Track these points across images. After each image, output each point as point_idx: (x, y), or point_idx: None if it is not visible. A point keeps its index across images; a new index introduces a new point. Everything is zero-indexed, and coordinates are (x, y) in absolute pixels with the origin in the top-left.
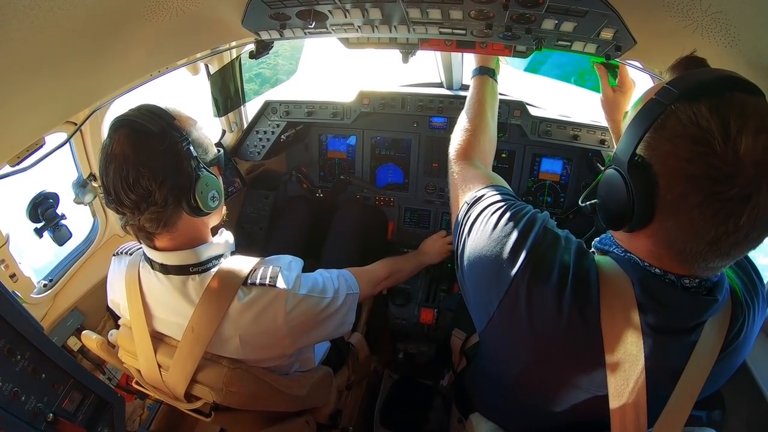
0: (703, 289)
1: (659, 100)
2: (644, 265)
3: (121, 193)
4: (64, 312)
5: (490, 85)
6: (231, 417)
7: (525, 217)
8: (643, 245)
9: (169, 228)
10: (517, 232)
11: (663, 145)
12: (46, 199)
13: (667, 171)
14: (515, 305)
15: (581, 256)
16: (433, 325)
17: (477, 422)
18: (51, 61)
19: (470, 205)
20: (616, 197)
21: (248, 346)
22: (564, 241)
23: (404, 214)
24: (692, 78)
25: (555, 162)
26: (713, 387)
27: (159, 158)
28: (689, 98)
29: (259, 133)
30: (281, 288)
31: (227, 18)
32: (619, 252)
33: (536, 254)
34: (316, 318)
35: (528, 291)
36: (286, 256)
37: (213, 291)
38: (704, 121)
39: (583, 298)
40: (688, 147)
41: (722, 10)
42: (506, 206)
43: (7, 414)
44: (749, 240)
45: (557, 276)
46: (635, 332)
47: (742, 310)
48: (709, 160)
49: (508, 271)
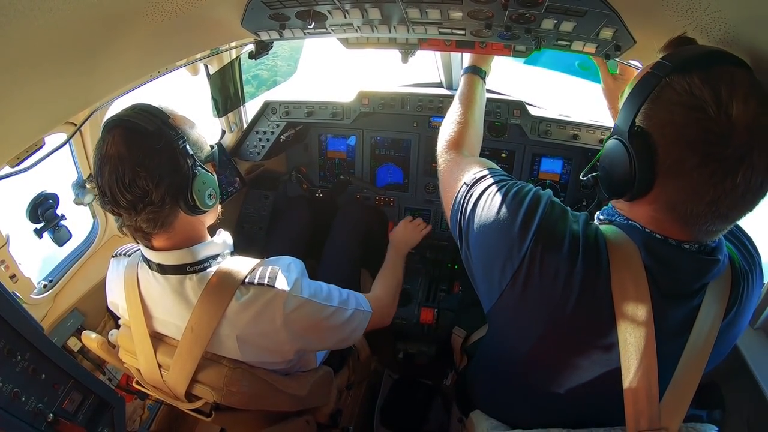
0: (703, 253)
1: (655, 73)
2: (647, 231)
3: (117, 194)
4: (64, 312)
5: (480, 85)
6: (231, 417)
7: (531, 192)
8: (645, 212)
9: (166, 228)
10: (526, 206)
11: (660, 114)
12: (46, 200)
13: (665, 137)
14: (529, 276)
15: (588, 226)
16: (433, 324)
17: (477, 420)
18: (50, 62)
19: (470, 186)
20: (618, 166)
21: (246, 347)
22: (570, 213)
23: (404, 214)
24: (685, 53)
25: (555, 161)
26: (716, 357)
27: (155, 157)
28: (682, 71)
29: (259, 134)
30: (280, 288)
31: (226, 18)
32: (622, 220)
33: (547, 225)
34: (318, 325)
35: (541, 261)
36: (285, 257)
37: (211, 290)
38: (697, 90)
39: (594, 265)
40: (684, 113)
41: (722, 10)
42: (510, 184)
43: (8, 414)
44: (746, 201)
45: (568, 245)
46: (644, 297)
47: (742, 276)
48: (704, 124)
49: (520, 244)
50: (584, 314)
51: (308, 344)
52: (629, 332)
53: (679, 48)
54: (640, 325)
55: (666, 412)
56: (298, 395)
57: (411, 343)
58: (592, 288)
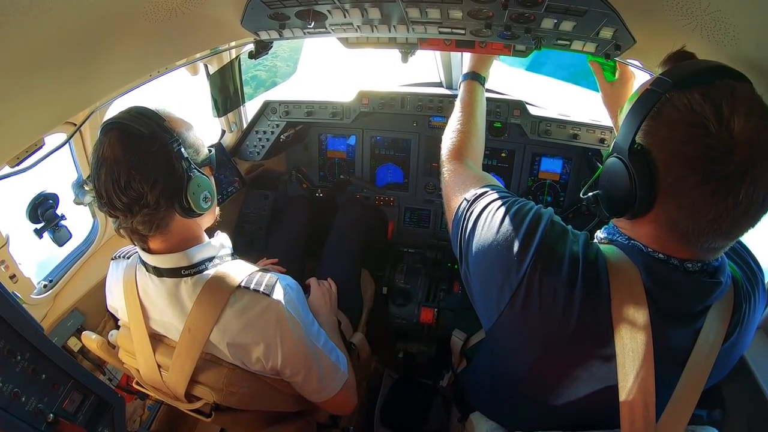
0: (705, 273)
1: (654, 90)
2: (648, 251)
3: (113, 196)
4: (64, 312)
5: (480, 91)
6: (231, 417)
7: (531, 212)
8: (646, 230)
9: (162, 230)
10: (526, 226)
11: (660, 131)
12: (46, 200)
13: (666, 155)
14: (528, 299)
15: (589, 247)
16: (433, 324)
17: (477, 422)
18: (50, 62)
19: (471, 202)
20: (619, 184)
21: (237, 355)
22: (571, 233)
23: (404, 214)
24: (684, 68)
25: (555, 161)
26: (716, 377)
27: (150, 160)
28: (682, 87)
29: (259, 133)
30: (276, 299)
31: (226, 18)
32: (623, 240)
33: (546, 247)
34: (301, 354)
35: (540, 284)
36: (286, 277)
37: (208, 293)
38: (698, 106)
39: (594, 287)
40: (685, 130)
41: (722, 9)
42: (511, 202)
43: (8, 415)
44: (748, 217)
45: (568, 267)
46: (644, 319)
47: (745, 298)
48: (706, 141)
49: (519, 266)
50: (584, 335)
51: (290, 370)
52: (628, 355)
53: (679, 63)
54: (639, 346)
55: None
56: (298, 395)
57: (411, 343)
58: (593, 310)
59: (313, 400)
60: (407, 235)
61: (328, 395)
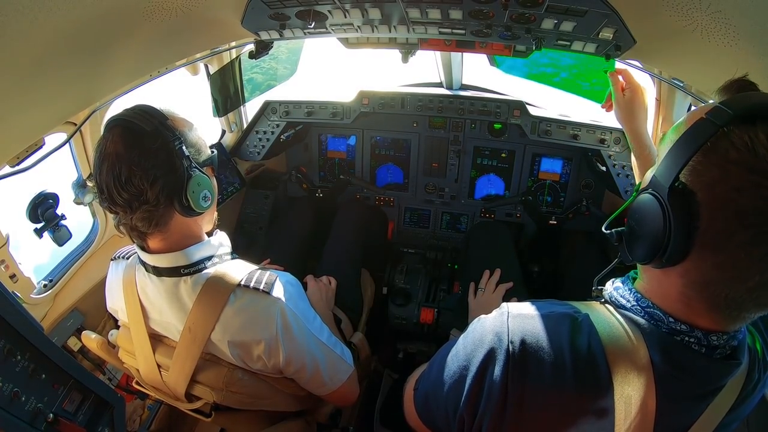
0: (727, 348)
1: (711, 120)
2: (669, 322)
3: (113, 191)
4: (64, 312)
5: None
6: (231, 417)
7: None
8: (675, 286)
9: (161, 228)
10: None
11: (711, 171)
12: (46, 200)
13: (713, 201)
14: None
15: (576, 335)
16: (433, 324)
17: None
18: (51, 62)
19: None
20: (650, 226)
21: (238, 353)
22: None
23: (404, 214)
24: (749, 99)
25: (555, 161)
26: None
27: (151, 157)
28: (745, 121)
29: (259, 133)
30: (276, 297)
31: (227, 18)
32: (639, 310)
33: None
34: (305, 351)
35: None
36: (286, 274)
37: (208, 292)
38: (762, 149)
39: (594, 384)
40: (741, 175)
41: (722, 10)
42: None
43: (8, 414)
44: None
45: (553, 376)
46: (649, 405)
47: (760, 369)
48: (765, 193)
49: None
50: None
51: (294, 366)
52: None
53: (740, 93)
54: (639, 426)
55: None
56: (298, 395)
57: (411, 343)
58: (594, 408)
59: (319, 394)
60: (407, 235)
61: (334, 387)
